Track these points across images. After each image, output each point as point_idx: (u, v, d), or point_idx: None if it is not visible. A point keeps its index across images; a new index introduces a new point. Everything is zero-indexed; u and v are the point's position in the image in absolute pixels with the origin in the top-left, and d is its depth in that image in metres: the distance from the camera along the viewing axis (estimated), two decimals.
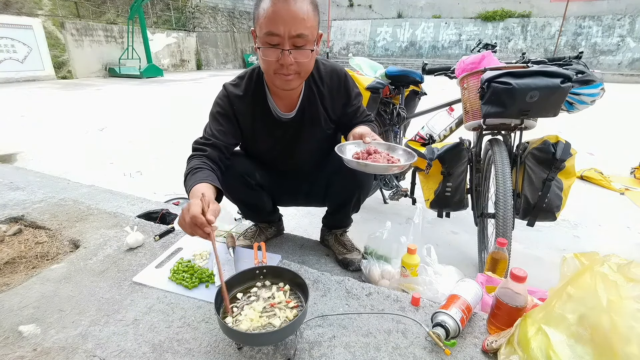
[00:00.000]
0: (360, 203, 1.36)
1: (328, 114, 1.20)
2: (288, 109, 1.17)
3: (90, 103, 6.49)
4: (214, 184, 0.96)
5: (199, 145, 1.10)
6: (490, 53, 1.56)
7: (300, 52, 0.95)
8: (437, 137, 1.98)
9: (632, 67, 12.72)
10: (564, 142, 1.41)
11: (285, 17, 0.89)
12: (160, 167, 3.13)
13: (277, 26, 0.90)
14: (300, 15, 0.90)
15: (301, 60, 0.97)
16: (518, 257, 1.77)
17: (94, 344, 0.88)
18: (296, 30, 0.91)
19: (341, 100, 1.20)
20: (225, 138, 1.13)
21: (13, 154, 3.35)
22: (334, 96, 1.18)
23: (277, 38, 0.92)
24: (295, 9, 0.90)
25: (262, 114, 1.17)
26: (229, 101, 1.15)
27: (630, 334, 0.61)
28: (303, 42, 0.94)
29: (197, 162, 1.03)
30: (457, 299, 0.92)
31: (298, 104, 1.16)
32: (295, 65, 0.97)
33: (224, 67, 16.64)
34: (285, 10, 0.89)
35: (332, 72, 1.17)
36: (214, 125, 1.14)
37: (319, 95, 1.16)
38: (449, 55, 15.50)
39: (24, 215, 1.53)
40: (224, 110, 1.15)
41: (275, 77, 1.00)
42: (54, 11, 11.05)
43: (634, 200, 2.58)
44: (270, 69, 0.99)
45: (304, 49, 0.95)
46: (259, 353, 0.86)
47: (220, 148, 1.11)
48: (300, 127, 1.20)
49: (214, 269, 1.18)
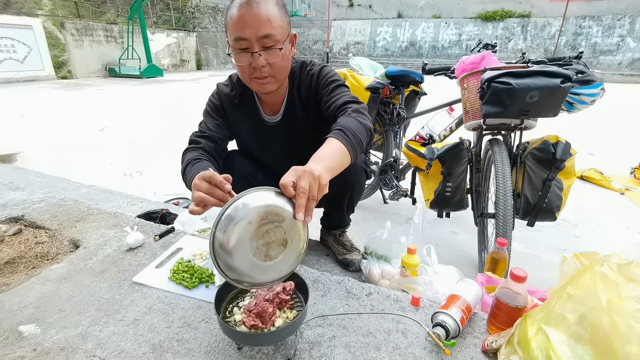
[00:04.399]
0: (353, 202, 1.36)
1: (310, 114, 1.18)
2: (273, 113, 1.19)
3: (90, 103, 6.49)
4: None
5: (194, 138, 1.13)
6: (490, 53, 1.56)
7: (269, 53, 0.96)
8: (437, 137, 1.98)
9: (632, 67, 12.73)
10: (564, 142, 1.41)
11: (250, 20, 0.92)
12: (160, 167, 3.13)
13: (244, 30, 0.92)
14: (264, 16, 0.92)
15: (272, 61, 0.98)
16: (518, 257, 1.77)
17: (94, 344, 0.88)
18: (262, 31, 0.93)
19: (313, 93, 1.15)
20: (220, 131, 1.17)
21: (13, 154, 3.36)
22: (310, 93, 1.16)
23: (246, 42, 0.94)
24: (258, 11, 0.91)
25: (250, 117, 1.19)
26: (220, 99, 1.19)
27: (630, 334, 0.61)
28: (271, 42, 0.95)
29: (194, 154, 1.05)
30: (457, 299, 0.92)
31: (282, 108, 1.17)
32: (268, 67, 0.98)
33: (224, 67, 16.64)
34: (250, 14, 0.91)
35: (309, 70, 1.16)
36: (208, 120, 1.18)
37: (298, 97, 1.16)
38: (449, 55, 15.51)
39: (24, 215, 1.53)
40: (217, 107, 1.19)
41: (251, 82, 1.03)
42: (54, 11, 11.06)
43: (634, 200, 2.58)
44: (245, 74, 1.01)
45: (273, 49, 0.96)
46: (259, 353, 0.86)
47: (215, 140, 1.14)
48: (286, 130, 1.20)
49: (214, 269, 1.18)
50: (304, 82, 1.15)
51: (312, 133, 1.19)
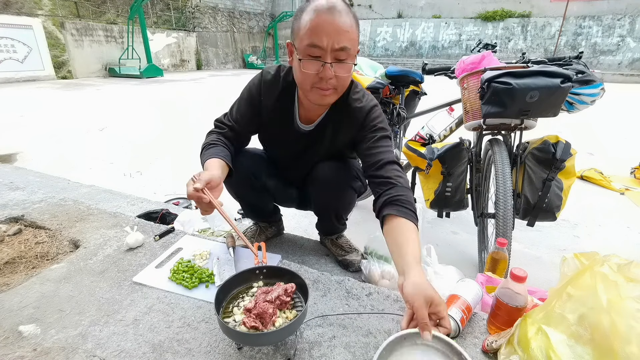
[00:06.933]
0: (342, 216, 1.36)
1: (341, 138, 1.16)
2: (308, 121, 1.16)
3: (90, 103, 6.49)
4: (225, 160, 1.05)
5: (220, 123, 1.18)
6: (490, 53, 1.56)
7: (341, 66, 0.93)
8: (437, 137, 1.98)
9: (632, 67, 12.71)
10: (564, 142, 1.41)
11: (329, 29, 0.87)
12: (160, 167, 3.13)
13: (321, 38, 0.88)
14: (344, 27, 0.88)
15: (341, 75, 0.94)
16: (518, 257, 1.77)
17: (94, 344, 0.88)
18: (339, 43, 0.89)
19: (355, 129, 1.12)
20: (245, 125, 1.18)
21: (13, 154, 3.36)
22: (351, 124, 1.12)
23: (319, 50, 0.90)
24: (339, 21, 0.88)
25: (283, 117, 1.16)
26: (260, 90, 1.15)
27: (630, 334, 0.61)
28: (345, 56, 0.92)
29: (214, 137, 1.13)
30: (457, 299, 0.92)
31: (319, 119, 1.14)
32: (334, 79, 0.94)
33: (224, 67, 16.63)
34: (330, 23, 0.87)
35: (359, 101, 1.10)
36: (240, 109, 1.18)
37: (338, 117, 1.12)
38: (449, 55, 15.50)
39: (24, 215, 1.53)
40: (252, 96, 1.16)
41: (311, 91, 0.98)
42: (54, 11, 11.06)
43: (634, 200, 2.58)
44: (307, 82, 0.96)
45: (346, 63, 0.93)
46: (259, 353, 0.86)
47: (238, 133, 1.18)
48: (314, 142, 1.18)
49: (215, 268, 1.18)
50: (349, 107, 1.10)
51: (333, 150, 1.21)
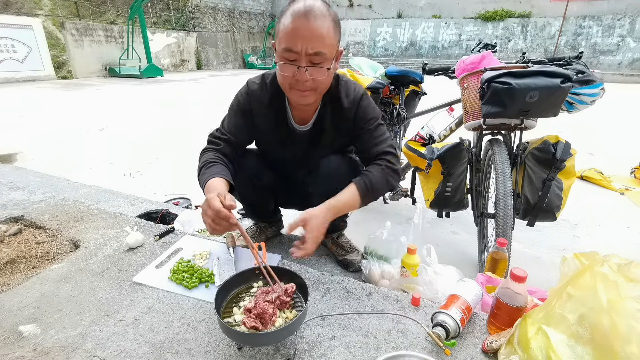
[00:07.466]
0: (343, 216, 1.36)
1: (340, 133, 1.17)
2: (303, 122, 1.17)
3: (90, 103, 6.49)
4: (227, 179, 1.00)
5: (213, 139, 1.14)
6: (490, 53, 1.56)
7: (316, 70, 0.95)
8: (437, 137, 1.98)
9: (632, 67, 12.71)
10: (564, 142, 1.41)
11: (304, 34, 0.89)
12: (160, 167, 3.13)
13: (295, 43, 0.90)
14: (319, 33, 0.89)
15: (317, 78, 0.96)
16: (518, 257, 1.77)
17: (94, 344, 0.88)
18: (314, 48, 0.90)
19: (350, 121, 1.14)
20: (240, 135, 1.16)
21: (13, 154, 3.35)
22: (346, 116, 1.13)
23: (294, 55, 0.92)
24: (314, 27, 0.89)
25: (278, 121, 1.17)
26: (249, 99, 1.15)
27: (630, 334, 0.61)
28: (320, 60, 0.93)
29: (211, 155, 1.07)
30: (457, 299, 0.92)
31: (313, 118, 1.15)
32: (311, 81, 0.96)
33: (224, 67, 16.63)
34: (305, 28, 0.88)
35: (348, 92, 1.13)
36: (231, 120, 1.16)
37: (332, 113, 1.14)
38: (449, 55, 15.49)
39: (24, 215, 1.53)
40: (242, 107, 1.16)
41: (291, 91, 1.01)
42: (54, 11, 11.05)
43: (634, 200, 2.58)
44: (286, 83, 1.00)
45: (321, 67, 0.95)
46: (259, 353, 0.86)
47: (233, 145, 1.15)
48: (312, 140, 1.19)
49: (215, 268, 1.18)
50: (341, 100, 1.12)
51: (334, 145, 1.21)
